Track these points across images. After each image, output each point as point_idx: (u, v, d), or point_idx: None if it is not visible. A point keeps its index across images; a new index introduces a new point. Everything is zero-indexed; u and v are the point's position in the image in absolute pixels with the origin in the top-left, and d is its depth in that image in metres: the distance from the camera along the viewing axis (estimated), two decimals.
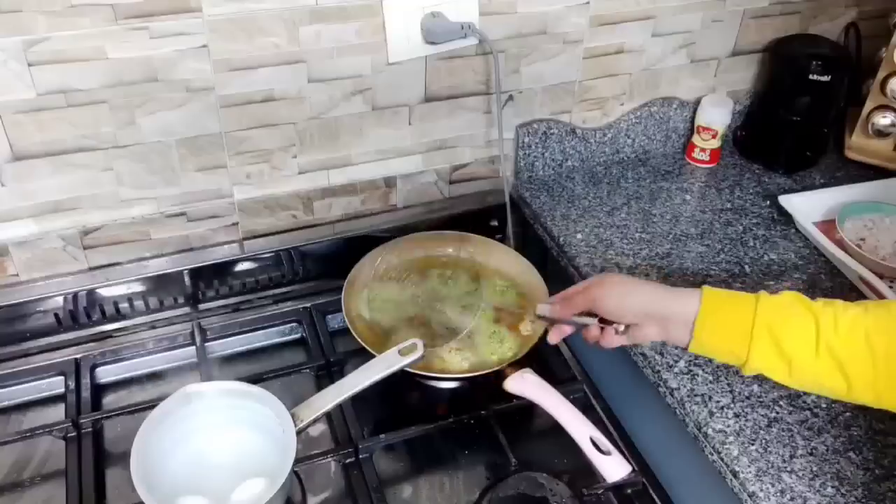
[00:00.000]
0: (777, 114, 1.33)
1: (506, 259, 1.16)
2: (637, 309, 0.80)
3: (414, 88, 1.14)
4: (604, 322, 0.84)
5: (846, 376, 0.71)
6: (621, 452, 0.92)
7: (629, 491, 0.93)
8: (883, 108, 1.31)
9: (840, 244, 1.13)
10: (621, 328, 0.82)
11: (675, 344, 0.80)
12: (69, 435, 0.97)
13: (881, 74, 1.28)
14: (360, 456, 0.95)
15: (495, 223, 1.27)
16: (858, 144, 1.36)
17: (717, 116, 1.31)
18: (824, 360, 0.71)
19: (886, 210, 1.18)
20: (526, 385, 0.98)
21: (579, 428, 0.92)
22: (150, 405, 0.91)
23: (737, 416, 0.91)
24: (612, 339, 0.83)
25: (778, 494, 0.82)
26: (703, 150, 1.34)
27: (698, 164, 1.36)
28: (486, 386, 1.00)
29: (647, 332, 0.80)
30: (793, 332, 0.73)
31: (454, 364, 1.01)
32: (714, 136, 1.33)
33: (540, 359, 1.06)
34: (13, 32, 0.89)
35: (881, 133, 1.32)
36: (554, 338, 0.90)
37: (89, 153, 1.01)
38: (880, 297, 1.04)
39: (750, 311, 0.74)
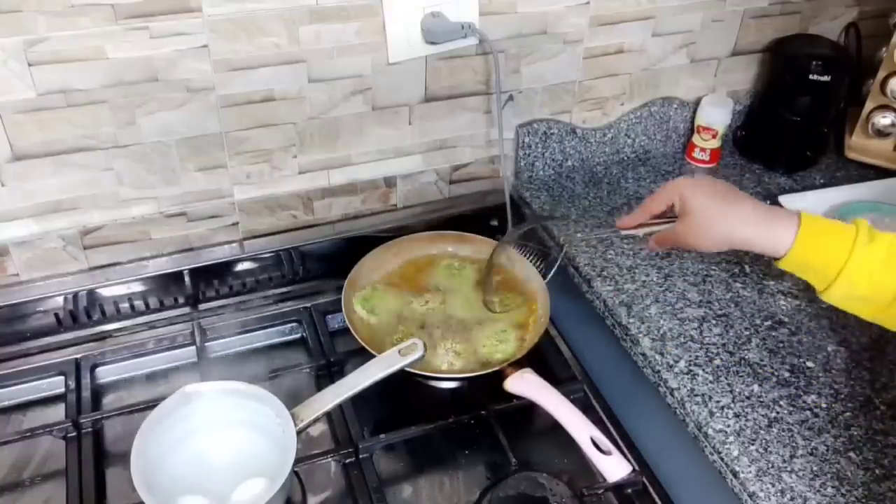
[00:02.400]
0: (777, 114, 1.33)
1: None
2: (726, 245, 0.78)
3: (414, 88, 1.14)
4: None
5: None
6: (621, 452, 0.93)
7: (629, 491, 0.93)
8: (883, 108, 1.31)
9: None
10: None
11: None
12: (69, 435, 0.97)
13: (881, 74, 1.29)
14: (360, 456, 0.95)
15: (495, 223, 1.27)
16: (858, 144, 1.36)
17: (717, 116, 1.31)
18: None
19: (886, 210, 1.18)
20: (526, 385, 0.98)
21: (579, 428, 0.92)
22: (150, 405, 0.91)
23: (737, 416, 0.91)
24: None
25: (778, 494, 0.82)
26: (703, 150, 1.34)
27: (698, 164, 1.36)
28: (486, 386, 1.00)
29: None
30: (875, 287, 0.73)
31: (440, 363, 1.01)
32: (714, 136, 1.33)
33: (540, 359, 1.06)
34: (13, 32, 0.89)
35: (881, 133, 1.32)
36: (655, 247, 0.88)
37: (89, 153, 1.01)
38: None
39: (840, 260, 0.73)
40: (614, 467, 0.90)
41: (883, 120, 1.31)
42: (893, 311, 0.73)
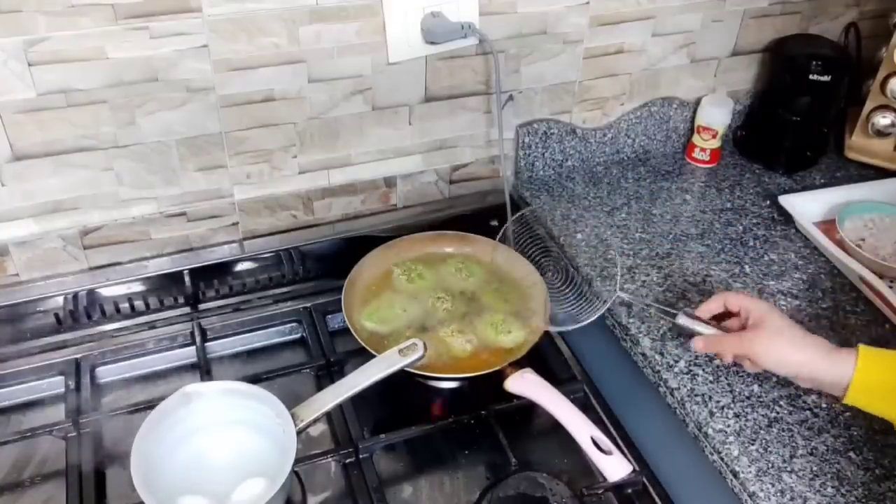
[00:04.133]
0: (777, 114, 1.33)
1: (506, 259, 1.16)
2: (791, 371, 0.82)
3: (414, 88, 1.14)
4: None
5: None
6: (622, 452, 0.92)
7: (629, 490, 0.93)
8: (883, 108, 1.31)
9: (840, 244, 1.13)
10: None
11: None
12: (69, 435, 0.97)
13: (881, 74, 1.28)
14: (360, 456, 0.95)
15: (495, 223, 1.27)
16: (858, 144, 1.36)
17: (717, 116, 1.31)
18: None
19: (886, 210, 1.18)
20: (526, 385, 0.98)
21: (580, 427, 0.92)
22: (150, 405, 0.91)
23: (737, 416, 0.91)
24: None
25: (778, 494, 0.82)
26: (703, 150, 1.34)
27: (698, 164, 1.36)
28: (486, 386, 1.00)
29: (799, 381, 0.84)
30: None
31: (457, 348, 1.01)
32: (714, 136, 1.33)
33: (540, 359, 1.06)
34: (13, 32, 0.89)
35: (881, 133, 1.32)
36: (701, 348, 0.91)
37: (89, 153, 1.01)
38: (880, 297, 1.04)
39: None
40: (614, 467, 0.90)
41: (883, 120, 1.31)
42: None
